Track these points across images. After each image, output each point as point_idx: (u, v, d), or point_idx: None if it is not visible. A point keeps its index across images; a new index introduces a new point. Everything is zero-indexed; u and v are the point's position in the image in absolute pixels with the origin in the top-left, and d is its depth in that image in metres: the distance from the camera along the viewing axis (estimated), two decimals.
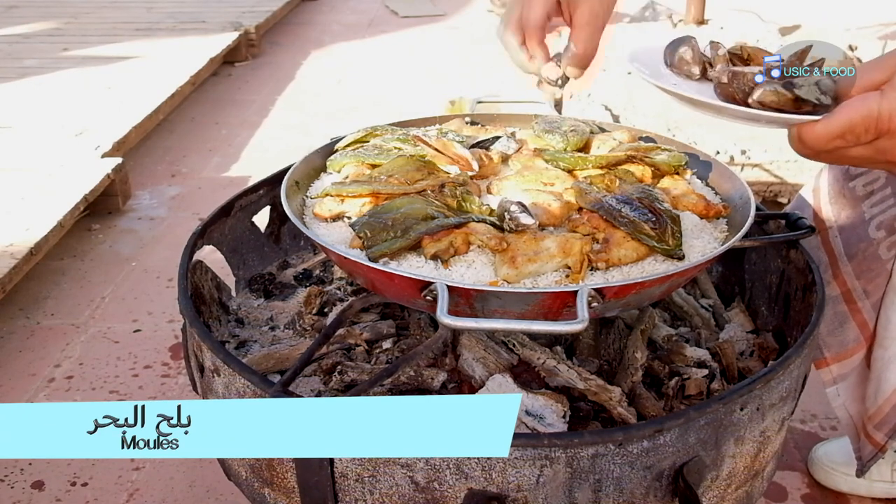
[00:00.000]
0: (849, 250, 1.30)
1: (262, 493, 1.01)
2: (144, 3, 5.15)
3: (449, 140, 1.16)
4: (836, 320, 1.33)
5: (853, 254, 1.30)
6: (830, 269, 1.32)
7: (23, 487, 1.68)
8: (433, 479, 0.86)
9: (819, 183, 1.40)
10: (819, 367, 1.37)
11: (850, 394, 1.39)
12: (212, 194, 3.05)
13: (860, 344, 1.32)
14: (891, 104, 0.79)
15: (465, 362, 1.11)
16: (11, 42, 4.33)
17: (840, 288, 1.32)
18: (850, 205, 1.31)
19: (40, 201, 2.50)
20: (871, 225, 1.26)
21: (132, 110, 3.27)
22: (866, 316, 1.30)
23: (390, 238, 0.95)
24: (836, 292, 1.33)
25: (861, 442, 1.39)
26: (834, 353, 1.35)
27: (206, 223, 1.27)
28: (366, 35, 5.32)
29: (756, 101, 0.90)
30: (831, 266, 1.32)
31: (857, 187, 1.29)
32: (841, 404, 1.40)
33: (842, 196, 1.33)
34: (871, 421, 1.34)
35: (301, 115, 3.87)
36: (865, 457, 1.38)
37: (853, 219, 1.30)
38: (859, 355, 1.34)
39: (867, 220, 1.27)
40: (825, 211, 1.36)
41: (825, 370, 1.37)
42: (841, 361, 1.35)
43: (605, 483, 0.87)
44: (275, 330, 1.28)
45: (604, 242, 0.96)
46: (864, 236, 1.28)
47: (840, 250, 1.31)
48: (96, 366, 2.06)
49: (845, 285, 1.31)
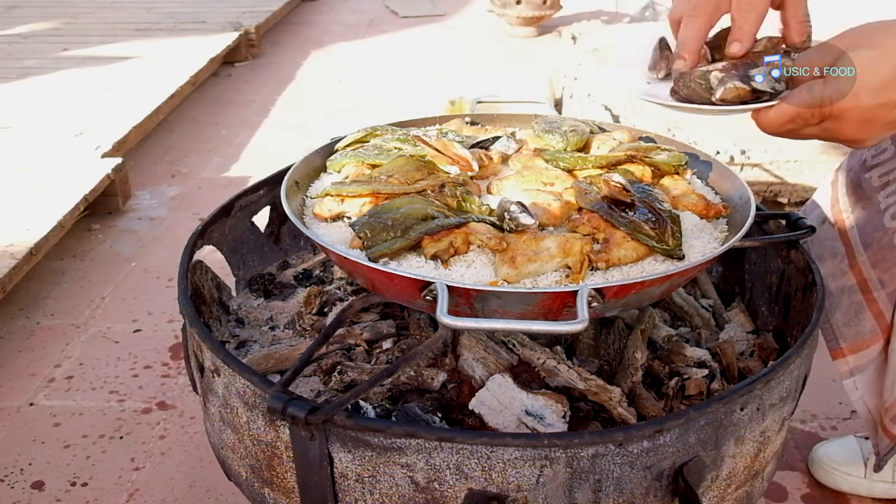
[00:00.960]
0: (864, 240, 1.32)
1: (262, 493, 1.01)
2: (144, 3, 5.15)
3: (449, 140, 1.16)
4: (851, 310, 1.34)
5: (869, 243, 1.31)
6: (847, 259, 1.33)
7: (23, 487, 1.68)
8: (433, 479, 0.86)
9: (837, 175, 1.42)
10: (835, 357, 1.37)
11: (869, 387, 1.39)
12: (212, 194, 3.05)
13: (876, 335, 1.33)
14: (831, 91, 0.87)
15: (465, 362, 1.11)
16: (11, 42, 4.33)
17: (856, 277, 1.33)
18: (866, 195, 1.33)
19: (40, 201, 2.50)
20: (887, 214, 1.28)
21: (132, 110, 3.27)
22: (882, 306, 1.31)
23: (390, 238, 0.95)
24: (852, 282, 1.34)
25: (879, 436, 1.39)
26: (850, 344, 1.36)
27: (206, 223, 1.27)
28: (366, 35, 5.32)
29: (719, 98, 0.97)
30: (847, 256, 1.33)
31: (873, 178, 1.32)
32: (859, 398, 1.40)
33: (858, 187, 1.34)
34: (887, 413, 1.34)
35: (301, 115, 3.87)
36: (882, 451, 1.38)
37: (869, 209, 1.32)
38: (876, 346, 1.34)
39: (882, 210, 1.29)
40: (842, 202, 1.38)
41: (841, 361, 1.37)
42: (857, 352, 1.36)
43: (605, 483, 0.87)
44: (275, 330, 1.28)
45: (604, 242, 0.96)
46: (879, 226, 1.29)
47: (856, 240, 1.32)
48: (96, 366, 2.06)
49: (861, 275, 1.32)
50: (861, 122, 0.88)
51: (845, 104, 0.87)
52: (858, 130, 0.90)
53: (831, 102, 0.88)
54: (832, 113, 0.88)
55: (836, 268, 1.34)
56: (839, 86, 0.87)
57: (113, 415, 1.89)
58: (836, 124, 0.90)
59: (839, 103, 0.87)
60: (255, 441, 0.97)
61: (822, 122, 0.90)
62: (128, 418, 1.88)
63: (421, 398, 1.08)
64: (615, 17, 5.07)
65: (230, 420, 1.00)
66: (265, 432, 0.95)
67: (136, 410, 1.90)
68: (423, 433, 0.86)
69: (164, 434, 1.83)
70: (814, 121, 0.91)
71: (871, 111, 0.87)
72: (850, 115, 0.88)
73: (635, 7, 4.97)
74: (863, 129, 0.89)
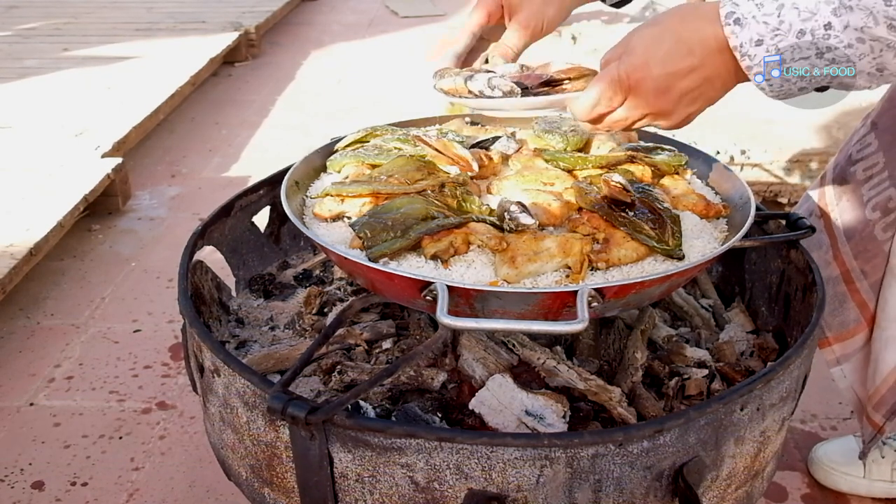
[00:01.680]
0: (848, 232, 1.35)
1: (262, 493, 1.01)
2: (144, 3, 5.14)
3: (449, 140, 1.16)
4: (836, 300, 1.37)
5: (851, 235, 1.34)
6: (831, 251, 1.36)
7: (23, 487, 1.68)
8: (433, 479, 0.86)
9: (826, 168, 1.44)
10: (822, 346, 1.40)
11: (857, 376, 1.41)
12: (212, 194, 3.05)
13: (860, 324, 1.36)
14: (625, 66, 0.93)
15: (465, 362, 1.11)
16: (11, 42, 4.33)
17: (840, 268, 1.36)
18: (851, 188, 1.35)
19: (40, 201, 2.50)
20: (868, 207, 1.31)
21: (132, 110, 3.27)
22: (865, 296, 1.34)
23: (390, 238, 0.95)
24: (836, 273, 1.37)
25: (864, 424, 1.40)
26: (835, 333, 1.39)
27: (206, 223, 1.27)
28: (366, 35, 5.32)
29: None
30: (832, 247, 1.36)
31: (858, 171, 1.34)
32: (848, 386, 1.42)
33: (844, 180, 1.37)
34: (870, 402, 1.35)
35: (301, 115, 3.87)
36: (866, 438, 1.40)
37: (853, 202, 1.34)
38: (861, 336, 1.36)
39: (865, 203, 1.32)
40: (828, 195, 1.40)
41: (828, 350, 1.40)
42: (843, 342, 1.39)
43: (605, 483, 0.87)
44: (275, 330, 1.28)
45: (604, 242, 0.96)
46: (861, 218, 1.32)
47: (840, 232, 1.35)
48: (96, 366, 2.06)
49: (844, 265, 1.34)
50: (658, 91, 0.93)
51: (638, 73, 0.92)
52: (660, 101, 0.94)
53: (627, 76, 0.93)
54: (630, 86, 0.93)
55: (821, 259, 1.36)
56: (631, 59, 0.93)
57: (113, 415, 1.89)
58: (637, 98, 0.94)
59: (633, 74, 0.93)
60: (255, 441, 0.97)
61: (626, 98, 0.95)
62: (128, 418, 1.88)
63: (421, 398, 1.08)
64: (615, 18, 5.07)
65: (230, 420, 1.00)
66: (265, 432, 0.95)
67: (136, 410, 1.90)
68: (423, 433, 0.86)
69: (164, 434, 1.83)
70: (618, 99, 0.95)
71: (663, 79, 0.92)
72: (646, 84, 0.92)
73: (635, 7, 4.97)
74: (663, 100, 0.93)
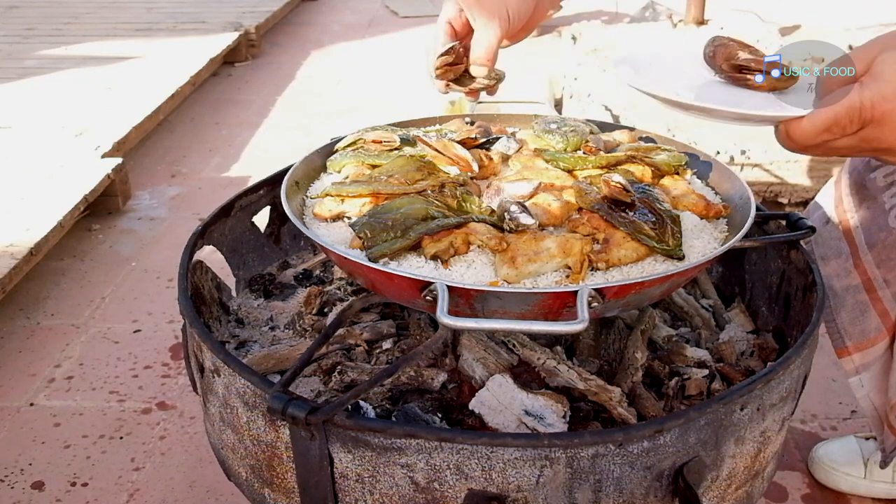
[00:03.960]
0: (869, 240, 1.32)
1: (262, 493, 1.01)
2: (144, 3, 5.14)
3: (449, 140, 1.16)
4: (857, 309, 1.34)
5: (873, 243, 1.31)
6: (851, 259, 1.34)
7: (23, 488, 1.68)
8: (433, 479, 0.86)
9: (841, 174, 1.41)
10: (841, 355, 1.38)
11: (875, 385, 1.39)
12: (212, 194, 3.05)
13: (882, 333, 1.34)
14: (871, 94, 0.80)
15: (465, 362, 1.11)
16: (11, 42, 4.33)
17: (861, 277, 1.33)
18: (871, 195, 1.33)
19: (40, 201, 2.51)
20: (891, 214, 1.28)
21: (132, 110, 3.27)
22: (887, 305, 1.31)
23: (390, 238, 0.95)
24: (856, 281, 1.34)
25: (885, 433, 1.39)
26: (855, 342, 1.36)
27: (206, 223, 1.27)
28: (366, 35, 5.32)
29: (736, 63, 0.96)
30: (852, 256, 1.34)
31: (878, 178, 1.32)
32: (865, 395, 1.40)
33: (863, 187, 1.35)
34: (893, 411, 1.34)
35: (301, 116, 3.87)
36: (889, 448, 1.38)
37: (874, 209, 1.32)
38: (882, 345, 1.35)
39: (887, 210, 1.29)
40: (846, 202, 1.38)
41: (847, 359, 1.38)
42: (863, 351, 1.36)
43: (605, 483, 0.87)
44: (275, 330, 1.28)
45: (604, 242, 0.96)
46: (883, 226, 1.29)
47: (861, 240, 1.33)
48: (96, 366, 2.06)
49: (866, 274, 1.32)
50: None
51: (888, 105, 0.80)
52: None
53: (872, 106, 0.81)
54: (874, 117, 0.81)
55: (841, 267, 1.34)
56: (879, 87, 0.80)
57: (113, 415, 1.89)
58: (876, 131, 0.82)
59: (881, 105, 0.80)
60: (255, 441, 0.97)
61: (861, 129, 0.83)
62: (128, 418, 1.88)
63: (421, 398, 1.08)
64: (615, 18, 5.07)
65: (230, 420, 1.00)
66: (265, 432, 0.95)
67: (136, 410, 1.90)
68: (423, 433, 0.86)
69: (165, 434, 1.83)
70: (852, 128, 0.83)
71: None
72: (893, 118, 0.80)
73: (635, 7, 4.97)
74: None
